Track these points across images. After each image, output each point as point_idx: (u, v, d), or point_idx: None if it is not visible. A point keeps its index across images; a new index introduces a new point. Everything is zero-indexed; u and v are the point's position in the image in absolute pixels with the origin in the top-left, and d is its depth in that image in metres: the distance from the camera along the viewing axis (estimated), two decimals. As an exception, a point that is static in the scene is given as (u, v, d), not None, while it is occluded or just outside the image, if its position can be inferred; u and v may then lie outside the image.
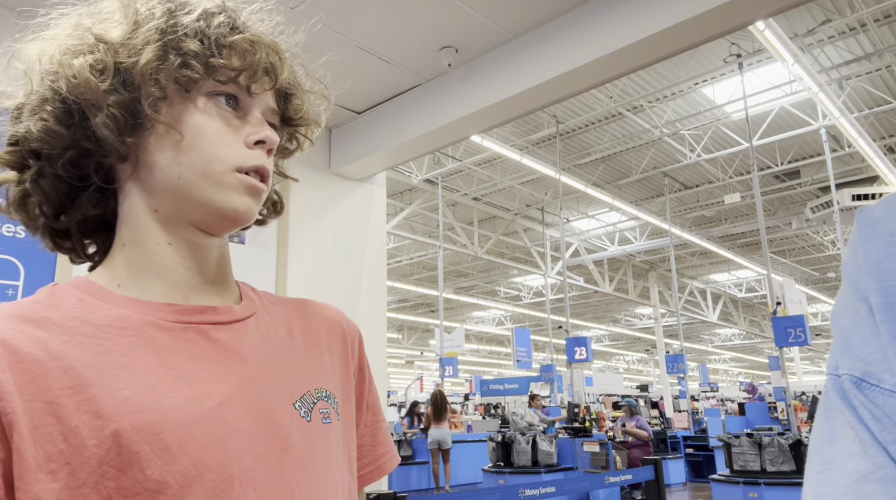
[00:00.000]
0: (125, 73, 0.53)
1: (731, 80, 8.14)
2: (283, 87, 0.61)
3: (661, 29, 2.44)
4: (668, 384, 16.00)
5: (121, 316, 0.52)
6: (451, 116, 3.16)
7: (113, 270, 0.57)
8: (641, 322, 23.64)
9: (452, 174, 10.76)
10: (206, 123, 0.55)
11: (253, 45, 0.56)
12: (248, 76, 0.56)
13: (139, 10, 0.55)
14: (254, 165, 0.56)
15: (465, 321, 23.38)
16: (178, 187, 0.55)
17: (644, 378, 34.98)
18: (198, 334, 0.55)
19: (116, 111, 0.53)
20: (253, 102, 0.58)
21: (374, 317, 3.75)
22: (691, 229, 13.33)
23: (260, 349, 0.58)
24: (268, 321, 0.61)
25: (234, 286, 0.63)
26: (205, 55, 0.54)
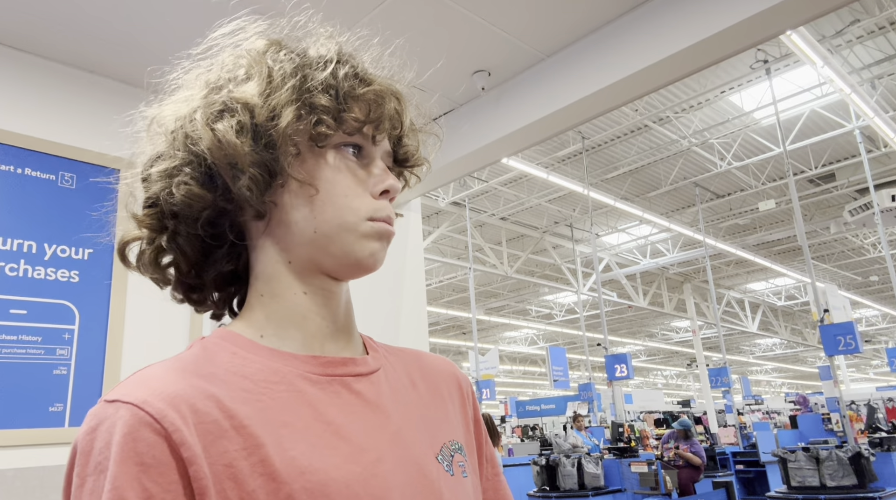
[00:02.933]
0: (264, 133, 0.54)
1: (758, 86, 8.03)
2: (395, 136, 0.62)
3: (692, 44, 2.41)
4: (710, 399, 15.57)
5: (273, 370, 0.53)
6: (484, 139, 3.16)
7: (254, 321, 0.57)
8: (678, 336, 23.15)
9: (479, 195, 10.77)
10: (337, 176, 0.56)
11: (378, 96, 0.57)
12: (373, 127, 0.58)
13: (271, 66, 0.56)
14: (384, 215, 0.57)
15: (497, 342, 23.20)
16: (316, 240, 0.56)
17: (684, 393, 34.16)
18: (342, 387, 0.55)
19: (257, 172, 0.53)
20: (375, 150, 0.60)
21: (416, 343, 3.73)
22: (725, 239, 13.08)
23: (396, 402, 0.58)
24: (393, 373, 0.62)
25: (358, 335, 0.64)
26: (336, 110, 0.55)
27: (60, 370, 2.27)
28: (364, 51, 0.63)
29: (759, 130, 9.09)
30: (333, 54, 0.58)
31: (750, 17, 2.26)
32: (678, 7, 2.47)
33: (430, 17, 2.55)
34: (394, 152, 0.63)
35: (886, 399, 10.61)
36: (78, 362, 2.33)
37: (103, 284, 2.43)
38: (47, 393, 2.23)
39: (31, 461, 2.19)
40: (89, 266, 2.42)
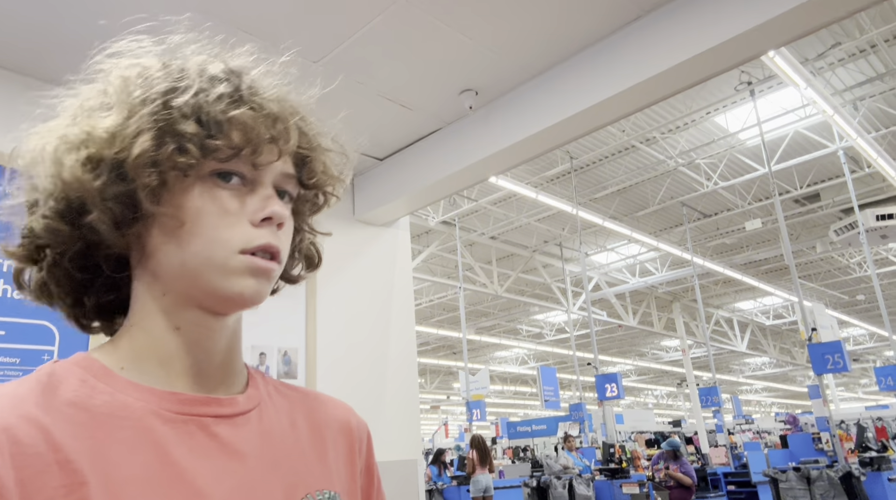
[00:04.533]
0: (117, 165, 0.51)
1: (743, 107, 8.15)
2: (296, 150, 0.58)
3: (675, 64, 2.44)
4: (701, 418, 15.53)
5: (123, 403, 0.50)
6: (473, 157, 3.17)
7: (118, 350, 0.55)
8: (668, 355, 23.16)
9: (469, 214, 10.80)
10: (206, 206, 0.52)
11: (254, 119, 0.53)
12: (251, 151, 0.53)
13: (133, 93, 0.53)
14: (259, 244, 0.53)
15: (487, 362, 23.08)
16: (185, 275, 0.53)
17: (675, 413, 34.07)
18: (198, 428, 0.52)
19: (113, 206, 0.51)
20: (261, 175, 0.55)
21: (404, 362, 3.69)
22: (713, 258, 13.16)
23: (260, 447, 0.55)
24: (272, 414, 0.59)
25: (241, 371, 0.61)
26: (201, 137, 0.52)
27: (38, 392, 2.21)
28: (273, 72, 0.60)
29: (744, 151, 9.20)
30: (206, 77, 0.54)
31: (731, 38, 2.29)
32: (661, 28, 2.50)
33: (417, 37, 2.57)
34: (299, 174, 0.59)
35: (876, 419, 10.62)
36: (57, 384, 2.28)
37: (84, 303, 2.38)
38: (24, 415, 2.17)
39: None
40: (71, 285, 2.38)
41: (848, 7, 2.17)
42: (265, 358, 3.02)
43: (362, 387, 3.42)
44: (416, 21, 2.47)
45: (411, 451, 3.54)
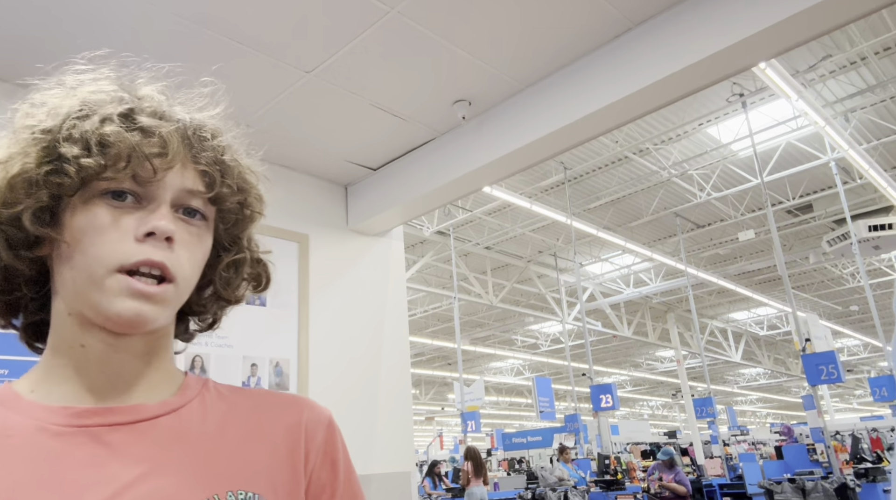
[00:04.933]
0: (8, 188, 0.53)
1: (735, 118, 8.21)
2: (199, 166, 0.58)
3: (666, 75, 2.45)
4: (696, 429, 15.50)
5: (10, 424, 0.52)
6: (466, 168, 3.17)
7: (34, 374, 0.57)
8: (663, 365, 23.15)
9: (463, 225, 10.81)
10: (88, 224, 0.53)
11: (126, 135, 0.54)
12: (125, 166, 0.53)
13: (27, 123, 0.55)
14: (137, 260, 0.52)
15: (482, 373, 23.00)
16: (75, 293, 0.54)
17: (670, 424, 34.00)
18: (88, 438, 0.53)
19: (8, 229, 0.53)
20: (154, 191, 0.55)
21: (397, 372, 3.67)
22: (707, 268, 13.20)
23: (165, 450, 0.55)
24: (194, 418, 0.58)
25: (169, 380, 0.60)
26: (79, 157, 0.52)
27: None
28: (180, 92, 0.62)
29: (737, 162, 9.26)
30: (95, 104, 0.55)
31: (721, 50, 2.31)
32: (651, 40, 2.52)
33: (410, 48, 2.58)
34: (208, 189, 0.59)
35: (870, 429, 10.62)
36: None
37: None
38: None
39: None
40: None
41: (836, 20, 2.19)
42: (256, 369, 3.00)
43: (355, 398, 3.40)
44: (408, 32, 2.47)
45: (404, 463, 3.51)
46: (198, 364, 2.80)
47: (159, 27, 2.32)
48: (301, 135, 3.15)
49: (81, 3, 2.18)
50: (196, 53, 2.48)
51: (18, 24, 2.25)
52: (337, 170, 3.55)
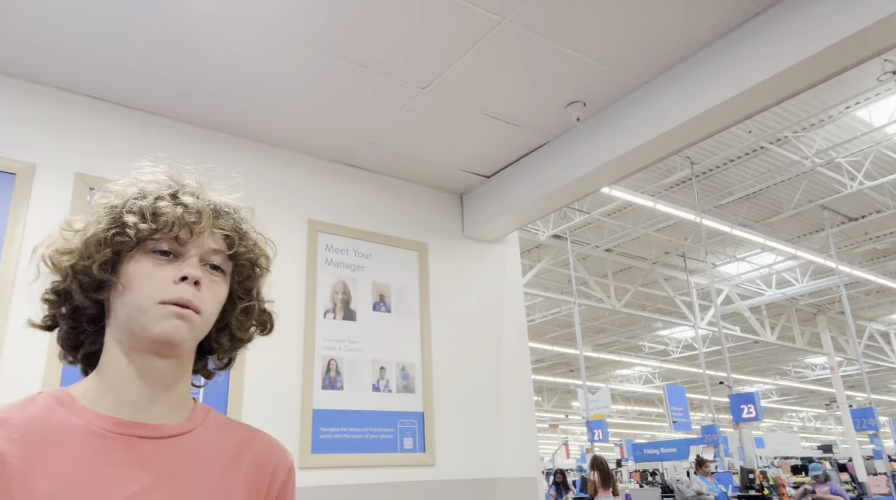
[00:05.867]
0: (84, 249, 0.73)
1: (888, 99, 7.34)
2: (223, 232, 0.77)
3: (804, 58, 2.25)
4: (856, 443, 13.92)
5: (69, 421, 0.69)
6: (582, 169, 3.11)
7: (86, 385, 0.74)
8: (814, 373, 21.04)
9: (581, 227, 10.56)
10: (140, 272, 0.72)
11: (174, 210, 0.73)
12: (170, 232, 0.73)
13: (102, 202, 0.76)
14: (175, 298, 0.71)
15: (608, 380, 22.25)
16: (128, 324, 0.72)
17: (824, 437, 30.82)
18: (122, 444, 0.69)
19: (81, 277, 0.73)
20: (188, 250, 0.75)
21: (518, 377, 3.67)
22: (862, 265, 11.85)
23: (178, 466, 0.71)
24: (201, 441, 0.75)
25: (186, 405, 0.77)
26: (136, 224, 0.72)
27: (187, 402, 2.45)
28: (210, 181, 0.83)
29: (893, 146, 8.26)
30: (151, 187, 0.76)
31: (871, 24, 2.08)
32: (786, 22, 2.33)
33: (522, 56, 2.59)
34: (229, 251, 0.78)
35: None
36: (204, 396, 2.52)
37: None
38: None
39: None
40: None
41: None
42: (385, 373, 3.14)
43: (477, 401, 3.45)
44: (520, 40, 2.49)
45: (529, 468, 3.50)
46: (332, 367, 2.99)
47: (288, 59, 2.53)
48: (418, 148, 3.27)
49: (214, 46, 2.43)
50: (322, 80, 2.67)
51: (153, 65, 2.55)
52: (452, 179, 3.64)
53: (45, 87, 2.63)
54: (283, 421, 2.78)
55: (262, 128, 3.03)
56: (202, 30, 2.35)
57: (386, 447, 3.03)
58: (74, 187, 2.53)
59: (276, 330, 0.84)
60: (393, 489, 2.98)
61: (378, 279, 3.28)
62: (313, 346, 2.96)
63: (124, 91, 2.69)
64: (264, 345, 2.81)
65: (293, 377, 2.88)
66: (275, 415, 2.77)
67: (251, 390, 2.72)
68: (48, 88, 2.64)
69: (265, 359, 2.80)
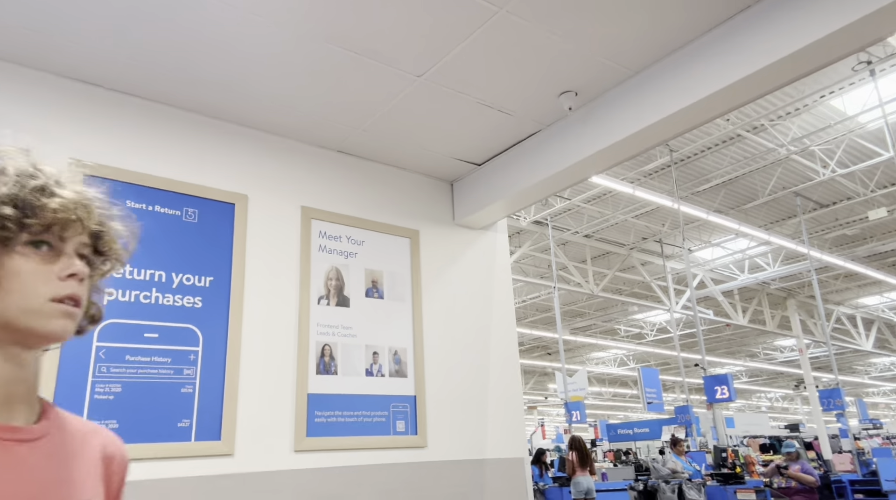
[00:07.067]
0: None
1: (862, 88, 7.52)
2: (91, 230, 0.77)
3: (789, 53, 2.33)
4: (822, 423, 14.43)
5: None
6: (572, 158, 3.17)
7: None
8: (783, 355, 21.67)
9: (561, 213, 10.67)
10: (21, 267, 0.70)
11: (63, 204, 0.72)
12: (59, 228, 0.73)
13: None
14: (67, 294, 0.72)
15: (584, 363, 22.63)
16: (5, 319, 0.69)
17: (791, 417, 31.81)
18: (3, 451, 0.70)
19: None
20: (67, 245, 0.74)
21: (506, 361, 3.75)
22: (832, 250, 12.21)
23: (46, 465, 0.74)
24: (57, 439, 0.78)
25: (37, 402, 0.78)
26: (16, 218, 0.70)
27: (187, 389, 2.48)
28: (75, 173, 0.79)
29: (865, 135, 8.49)
30: (22, 175, 0.72)
31: (853, 22, 2.16)
32: (773, 17, 2.40)
33: (518, 45, 2.62)
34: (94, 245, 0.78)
35: None
36: (202, 381, 2.54)
37: (222, 308, 2.64)
38: (176, 410, 2.44)
39: (162, 472, 2.40)
40: (210, 293, 2.64)
41: None
42: (378, 357, 3.18)
43: (467, 385, 3.52)
44: (516, 29, 2.52)
45: (517, 450, 3.59)
46: (326, 352, 3.02)
47: (284, 46, 2.52)
48: (411, 135, 3.29)
49: (209, 32, 2.41)
50: (318, 67, 2.67)
51: (175, 48, 2.53)
52: (443, 167, 3.67)
53: (34, 70, 2.59)
54: (278, 406, 2.82)
55: (256, 114, 3.02)
56: (197, 16, 2.33)
57: (379, 429, 3.09)
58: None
59: (271, 317, 0.93)
60: (386, 470, 3.04)
61: (371, 266, 3.31)
62: (307, 332, 2.99)
63: (118, 77, 2.66)
64: (259, 331, 2.84)
65: (288, 363, 2.91)
66: (270, 400, 2.80)
67: (247, 375, 2.74)
68: (37, 71, 2.60)
69: (260, 345, 2.83)
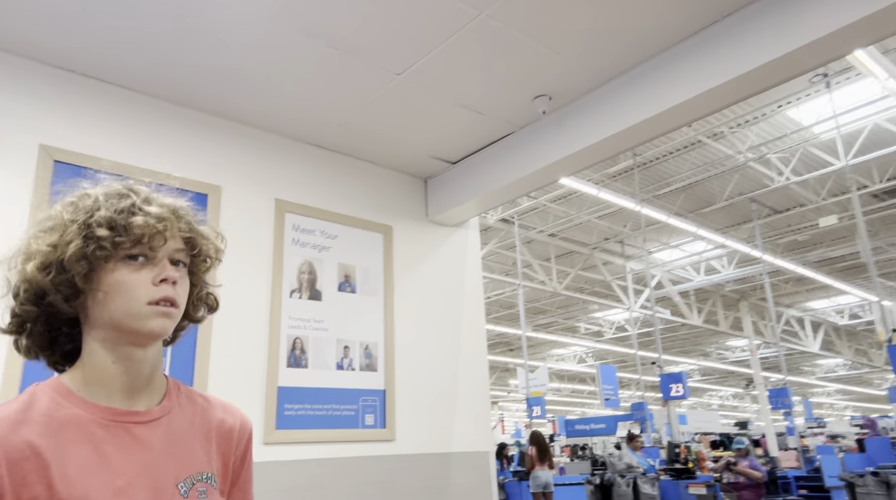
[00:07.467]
0: (62, 262, 0.80)
1: (817, 100, 7.84)
2: (182, 235, 0.87)
3: (754, 67, 2.44)
4: (770, 421, 15.01)
5: (76, 415, 0.80)
6: (543, 161, 3.24)
7: (76, 377, 0.84)
8: (735, 355, 22.42)
9: (527, 212, 10.81)
10: (120, 278, 0.81)
11: (145, 221, 0.82)
12: (147, 240, 0.83)
13: (66, 218, 0.83)
14: (161, 296, 0.82)
15: (545, 359, 22.96)
16: (114, 323, 0.81)
17: (741, 415, 32.91)
18: (123, 430, 0.82)
19: (62, 289, 0.81)
20: (159, 253, 0.84)
21: (475, 357, 3.82)
22: (784, 255, 12.69)
23: (165, 442, 0.85)
24: (178, 418, 0.88)
25: (162, 386, 0.89)
26: (111, 237, 0.81)
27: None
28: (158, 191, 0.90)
29: (818, 145, 8.86)
30: (113, 198, 0.84)
31: (815, 40, 2.29)
32: (740, 32, 2.52)
33: (496, 49, 2.68)
34: (189, 249, 0.89)
35: (963, 425, 10.03)
36: (171, 373, 2.53)
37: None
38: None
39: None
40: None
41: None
42: (349, 351, 3.21)
43: (436, 379, 3.57)
44: (495, 33, 2.57)
45: (483, 443, 3.66)
46: (298, 346, 3.03)
47: (264, 38, 2.52)
48: (388, 132, 3.32)
49: (188, 21, 2.40)
50: (298, 61, 2.67)
51: (148, 35, 2.50)
52: (418, 164, 3.71)
53: (8, 55, 2.52)
54: (248, 398, 2.82)
55: (232, 106, 3.00)
56: (173, 3, 2.31)
57: (348, 423, 3.12)
58: (38, 159, 2.45)
59: (243, 309, 1.02)
60: (354, 463, 3.08)
61: (344, 260, 3.33)
62: (279, 324, 3.00)
63: (92, 63, 2.61)
64: (230, 323, 2.83)
65: (259, 355, 2.91)
66: (240, 392, 2.80)
67: (217, 367, 2.74)
68: (11, 56, 2.53)
69: (231, 337, 2.82)
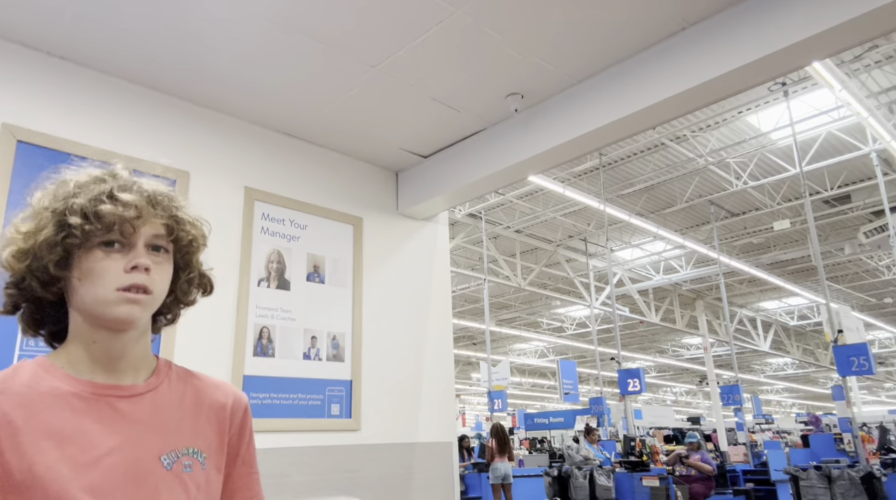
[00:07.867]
0: (35, 250, 0.83)
1: (776, 107, 8.14)
2: (160, 220, 0.87)
3: (718, 75, 2.54)
4: (721, 416, 15.53)
5: (56, 387, 0.82)
6: (514, 158, 3.30)
7: (62, 354, 0.87)
8: (690, 352, 23.08)
9: (495, 208, 10.92)
10: (94, 264, 0.83)
11: (114, 208, 0.83)
12: (119, 228, 0.84)
13: (43, 205, 0.85)
14: (130, 283, 0.83)
15: (507, 354, 23.22)
16: (88, 309, 0.83)
17: (693, 410, 33.90)
18: (104, 404, 0.84)
19: (39, 274, 0.83)
20: (133, 239, 0.85)
21: (441, 349, 3.86)
22: (739, 257, 13.12)
23: (149, 416, 0.86)
24: (165, 394, 0.90)
25: (149, 364, 0.91)
26: (81, 225, 0.82)
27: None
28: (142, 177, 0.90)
29: (775, 151, 9.19)
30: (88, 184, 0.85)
31: (775, 52, 2.40)
32: (706, 40, 2.62)
33: (470, 45, 2.71)
34: (170, 233, 0.89)
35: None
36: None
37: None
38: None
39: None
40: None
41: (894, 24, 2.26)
42: (316, 341, 3.22)
43: (402, 371, 3.61)
44: (470, 30, 2.61)
45: (447, 434, 3.72)
46: (265, 335, 3.03)
47: (238, 28, 2.50)
48: (360, 124, 3.32)
49: (174, 9, 2.36)
50: (273, 50, 2.66)
51: (117, 17, 2.45)
52: (390, 157, 3.72)
53: (-36, 26, 2.44)
54: (214, 387, 2.80)
55: (203, 91, 2.96)
56: (153, -13, 2.28)
57: (314, 412, 3.13)
58: (1, 138, 2.38)
59: (209, 297, 0.98)
60: (320, 452, 3.09)
61: (313, 250, 3.33)
62: (246, 313, 2.99)
63: (59, 42, 2.55)
64: (196, 311, 2.81)
65: (225, 344, 2.90)
66: (206, 380, 2.78)
67: (183, 354, 2.72)
68: (-32, 27, 2.45)
69: (197, 325, 2.80)
